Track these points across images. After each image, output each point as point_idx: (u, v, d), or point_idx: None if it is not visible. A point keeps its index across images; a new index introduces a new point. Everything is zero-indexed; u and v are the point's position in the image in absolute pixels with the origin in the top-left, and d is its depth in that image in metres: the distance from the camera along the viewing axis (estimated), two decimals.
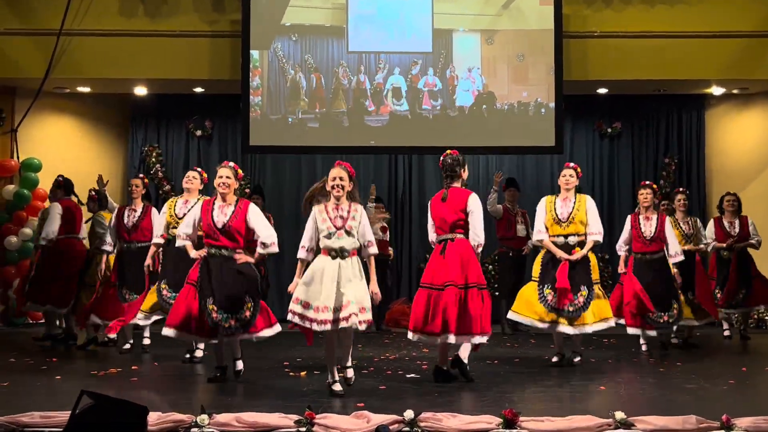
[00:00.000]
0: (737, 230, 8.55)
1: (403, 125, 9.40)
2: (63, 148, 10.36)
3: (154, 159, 10.77)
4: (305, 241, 5.33)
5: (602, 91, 10.09)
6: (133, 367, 6.17)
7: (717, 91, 10.06)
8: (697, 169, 10.58)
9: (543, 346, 7.64)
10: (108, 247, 7.35)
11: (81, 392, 2.01)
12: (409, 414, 3.99)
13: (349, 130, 9.39)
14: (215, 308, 5.46)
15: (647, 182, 7.56)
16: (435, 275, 5.62)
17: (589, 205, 6.52)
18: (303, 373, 5.91)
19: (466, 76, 9.40)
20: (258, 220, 5.64)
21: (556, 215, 6.52)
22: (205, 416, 3.97)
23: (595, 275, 6.49)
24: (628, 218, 7.40)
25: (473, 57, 9.42)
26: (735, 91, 10.12)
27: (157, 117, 10.88)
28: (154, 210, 7.32)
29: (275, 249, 5.68)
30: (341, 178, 5.22)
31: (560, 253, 6.38)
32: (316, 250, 5.31)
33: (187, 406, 4.33)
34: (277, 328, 5.72)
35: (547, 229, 6.51)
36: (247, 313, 5.52)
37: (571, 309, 6.32)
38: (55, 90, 9.93)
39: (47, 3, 9.31)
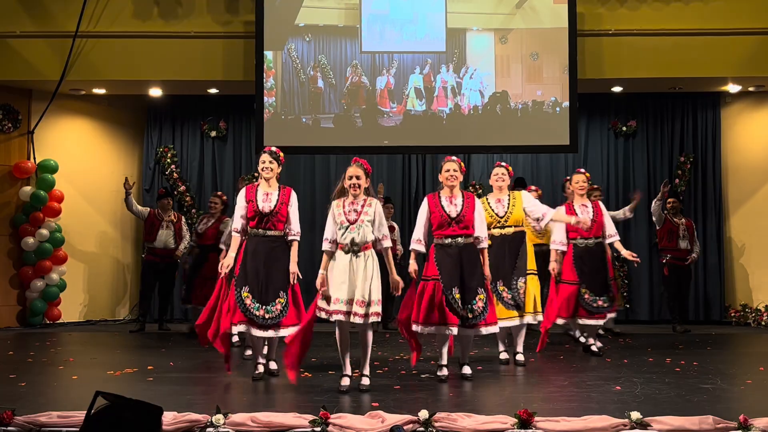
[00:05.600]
0: None
1: (416, 125, 9.39)
2: (79, 150, 10.44)
3: (169, 160, 10.82)
4: (328, 234, 5.42)
5: (617, 89, 10.04)
6: (149, 367, 6.21)
7: (733, 88, 9.98)
8: (713, 168, 10.50)
9: (558, 345, 7.62)
10: None
11: (96, 393, 2.02)
12: (423, 414, 3.99)
13: (363, 130, 9.39)
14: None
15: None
16: None
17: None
18: (307, 374, 5.92)
19: (479, 76, 9.38)
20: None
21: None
22: (220, 416, 3.99)
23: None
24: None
25: (487, 56, 9.40)
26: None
27: (171, 118, 10.93)
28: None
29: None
30: (357, 177, 5.37)
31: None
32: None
33: (202, 406, 4.35)
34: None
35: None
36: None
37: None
38: (71, 92, 10.01)
39: (63, 6, 9.37)
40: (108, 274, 10.65)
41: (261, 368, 5.87)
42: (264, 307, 5.64)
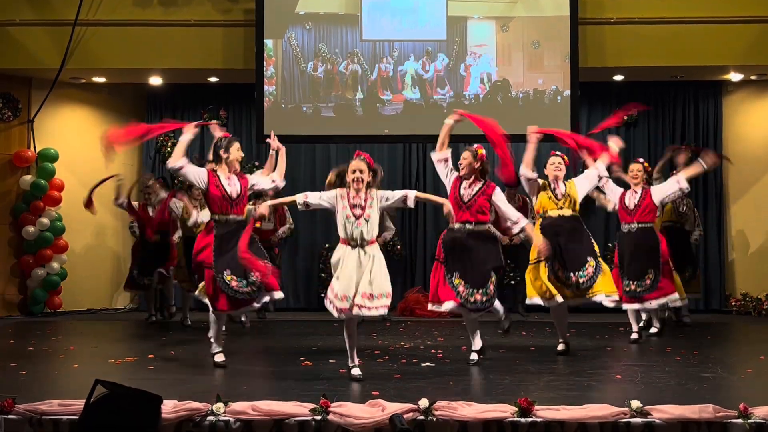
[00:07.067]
0: None
1: (416, 114, 9.37)
2: (79, 138, 10.42)
3: (169, 149, 10.79)
4: (313, 195, 5.45)
5: (618, 78, 10.00)
6: (149, 356, 6.22)
7: (735, 77, 9.95)
8: None
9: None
10: None
11: (95, 381, 2.02)
12: (423, 402, 3.99)
13: (363, 119, 9.37)
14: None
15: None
16: None
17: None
18: (308, 363, 5.93)
19: (480, 64, 9.35)
20: None
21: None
22: (221, 404, 4.00)
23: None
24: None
25: (488, 44, 9.36)
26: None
27: (172, 107, 10.90)
28: None
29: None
30: (361, 171, 5.34)
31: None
32: (311, 209, 5.54)
33: (203, 394, 4.36)
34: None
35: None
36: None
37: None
38: (71, 80, 9.99)
39: None
40: (109, 262, 10.66)
41: (224, 356, 5.83)
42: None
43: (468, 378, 5.31)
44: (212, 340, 5.83)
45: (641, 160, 7.48)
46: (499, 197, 5.95)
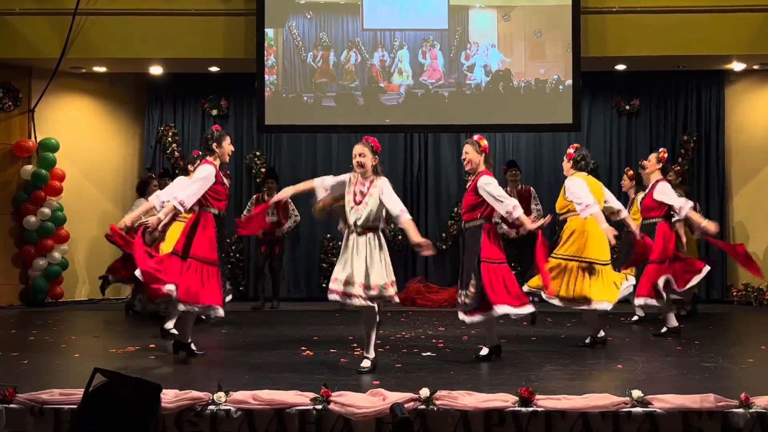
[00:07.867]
0: None
1: (418, 103, 9.33)
2: (80, 128, 10.41)
3: (170, 138, 10.78)
4: (328, 177, 5.49)
5: (621, 67, 9.96)
6: (150, 346, 6.22)
7: (737, 66, 9.91)
8: (716, 147, 10.44)
9: (559, 325, 7.62)
10: None
11: (94, 370, 2.02)
12: (424, 392, 3.99)
13: (364, 109, 9.34)
14: None
15: None
16: None
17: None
18: (309, 352, 5.93)
19: (482, 54, 9.31)
20: None
21: None
22: (222, 393, 4.00)
23: None
24: None
25: (490, 34, 9.32)
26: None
27: (172, 96, 10.88)
28: None
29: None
30: (362, 155, 5.31)
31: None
32: (328, 193, 5.45)
33: (204, 383, 4.36)
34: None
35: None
36: None
37: None
38: (71, 70, 9.96)
39: None
40: (110, 252, 10.60)
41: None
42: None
43: (469, 367, 5.31)
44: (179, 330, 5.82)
45: (660, 148, 7.44)
46: (484, 187, 5.43)
